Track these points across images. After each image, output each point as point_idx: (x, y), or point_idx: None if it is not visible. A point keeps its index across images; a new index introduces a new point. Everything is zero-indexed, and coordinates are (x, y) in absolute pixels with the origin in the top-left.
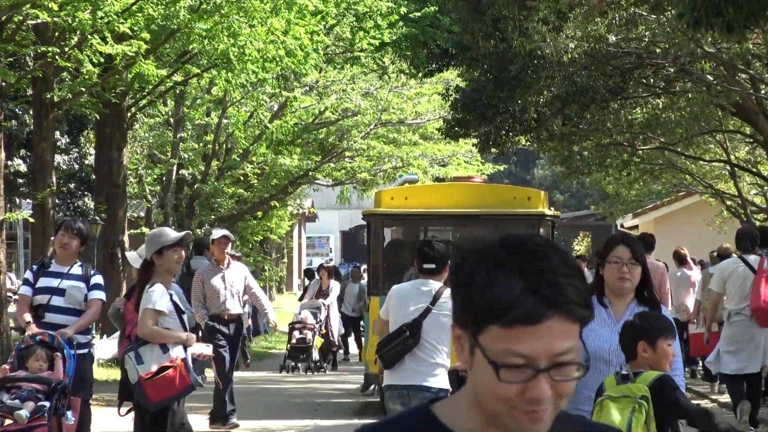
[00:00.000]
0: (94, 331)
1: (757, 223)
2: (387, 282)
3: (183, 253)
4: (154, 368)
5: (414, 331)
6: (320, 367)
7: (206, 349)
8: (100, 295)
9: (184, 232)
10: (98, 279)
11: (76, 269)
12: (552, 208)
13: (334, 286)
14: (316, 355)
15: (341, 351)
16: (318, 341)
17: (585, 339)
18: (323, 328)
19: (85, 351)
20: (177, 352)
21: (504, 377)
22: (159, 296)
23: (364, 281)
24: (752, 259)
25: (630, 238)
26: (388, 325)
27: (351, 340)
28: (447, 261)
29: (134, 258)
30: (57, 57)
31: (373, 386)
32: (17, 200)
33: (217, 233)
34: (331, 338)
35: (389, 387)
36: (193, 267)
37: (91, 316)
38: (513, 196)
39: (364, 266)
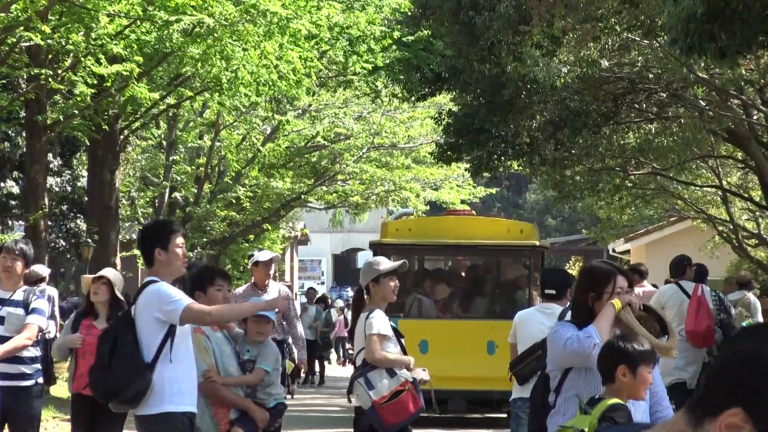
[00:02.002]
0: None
1: (749, 249)
2: (390, 306)
3: (397, 281)
4: (386, 392)
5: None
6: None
7: (424, 374)
8: (37, 319)
9: (400, 262)
10: (39, 303)
11: (19, 294)
12: (541, 240)
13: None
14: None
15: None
16: (289, 365)
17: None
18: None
19: (30, 383)
20: (405, 375)
21: None
22: (382, 322)
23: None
24: (688, 286)
25: (620, 267)
26: (516, 347)
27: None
28: (567, 287)
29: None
30: (50, 79)
31: None
32: (9, 222)
33: (264, 255)
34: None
35: (521, 399)
36: None
37: (18, 341)
38: (507, 228)
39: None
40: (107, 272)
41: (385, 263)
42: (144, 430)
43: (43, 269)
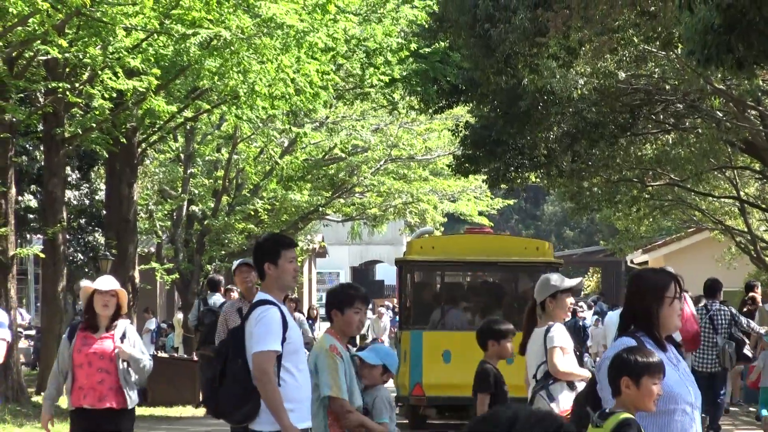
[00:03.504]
0: None
1: (767, 260)
2: (415, 318)
3: (573, 298)
4: (568, 406)
5: None
6: None
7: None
8: (1, 333)
9: (577, 280)
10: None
11: None
12: (556, 255)
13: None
14: None
15: None
16: None
17: (666, 384)
18: None
19: None
20: (581, 387)
21: None
22: (562, 335)
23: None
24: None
25: (671, 272)
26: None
27: None
28: None
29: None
30: (68, 93)
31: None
32: (28, 236)
33: (235, 263)
34: None
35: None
36: (212, 303)
37: None
38: (524, 246)
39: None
40: (115, 285)
41: (564, 280)
42: None
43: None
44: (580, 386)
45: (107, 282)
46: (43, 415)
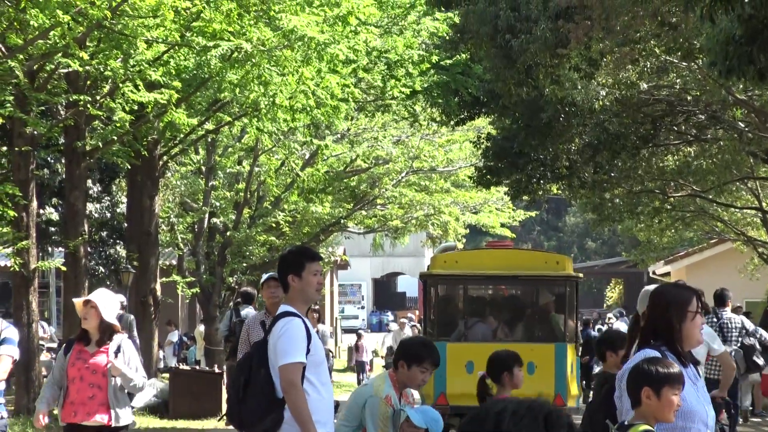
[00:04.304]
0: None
1: None
2: (439, 330)
3: None
4: None
5: None
6: None
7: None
8: (8, 350)
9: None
10: (9, 333)
11: None
12: (576, 268)
13: (323, 330)
14: None
15: None
16: None
17: (684, 400)
18: None
19: None
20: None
21: None
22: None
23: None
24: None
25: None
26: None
27: None
28: None
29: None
30: (89, 105)
31: None
32: (49, 248)
33: (264, 276)
34: None
35: None
36: (243, 316)
37: None
38: (544, 260)
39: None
40: (95, 296)
41: None
42: None
43: (121, 297)
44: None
45: (92, 295)
46: (36, 412)
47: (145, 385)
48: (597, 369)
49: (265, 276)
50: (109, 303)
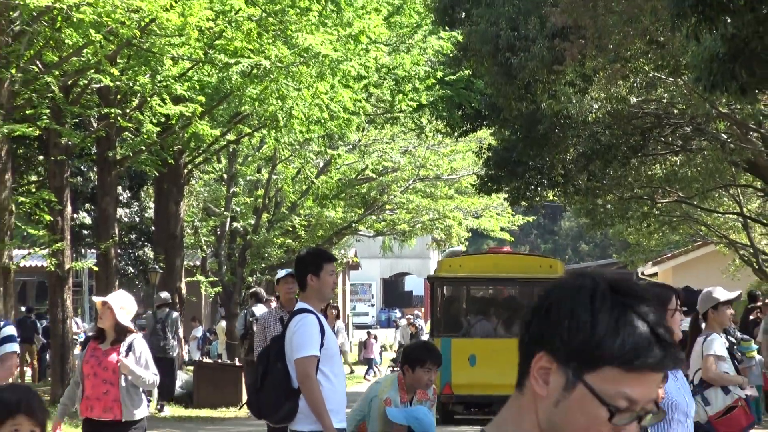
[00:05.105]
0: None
1: None
2: (445, 327)
3: (732, 310)
4: (721, 408)
5: None
6: None
7: (752, 391)
8: (11, 347)
9: (737, 292)
10: (8, 330)
11: None
12: (566, 269)
13: (340, 328)
14: None
15: None
16: None
17: (666, 392)
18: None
19: None
20: (738, 393)
21: (617, 420)
22: (718, 344)
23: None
24: None
25: (674, 288)
26: None
27: None
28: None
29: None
30: (119, 118)
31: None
32: (82, 250)
33: (282, 272)
34: None
35: None
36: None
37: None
38: (538, 264)
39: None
40: (111, 297)
41: (725, 293)
42: None
43: (167, 295)
44: (737, 390)
45: (110, 296)
46: (54, 421)
47: (156, 382)
48: None
49: (283, 272)
50: (124, 305)
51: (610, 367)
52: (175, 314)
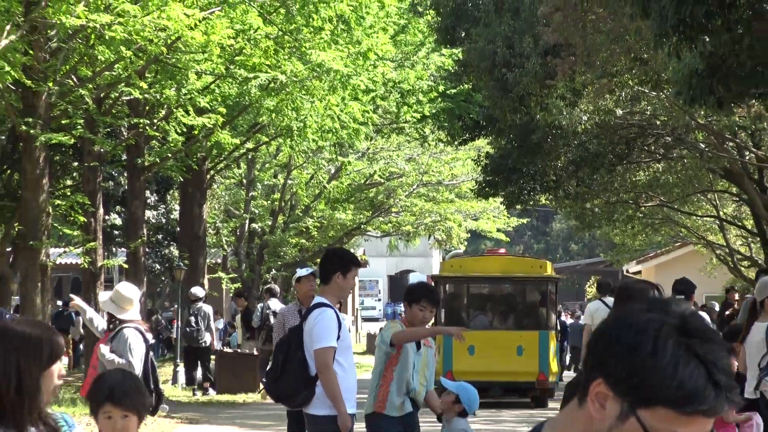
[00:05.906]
0: None
1: (742, 270)
2: (447, 320)
3: None
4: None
5: None
6: None
7: None
8: None
9: None
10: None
11: None
12: (556, 270)
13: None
14: None
15: None
16: None
17: None
18: None
19: None
20: None
21: None
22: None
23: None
24: (609, 301)
25: (654, 284)
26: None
27: None
28: (693, 291)
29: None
30: (147, 127)
31: None
32: (113, 249)
33: (304, 271)
34: None
35: None
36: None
37: None
38: (530, 265)
39: None
40: (105, 294)
41: None
42: (313, 428)
43: (199, 291)
44: None
45: (113, 290)
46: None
47: (103, 331)
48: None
49: (305, 271)
50: (114, 297)
51: (664, 407)
52: (207, 308)
